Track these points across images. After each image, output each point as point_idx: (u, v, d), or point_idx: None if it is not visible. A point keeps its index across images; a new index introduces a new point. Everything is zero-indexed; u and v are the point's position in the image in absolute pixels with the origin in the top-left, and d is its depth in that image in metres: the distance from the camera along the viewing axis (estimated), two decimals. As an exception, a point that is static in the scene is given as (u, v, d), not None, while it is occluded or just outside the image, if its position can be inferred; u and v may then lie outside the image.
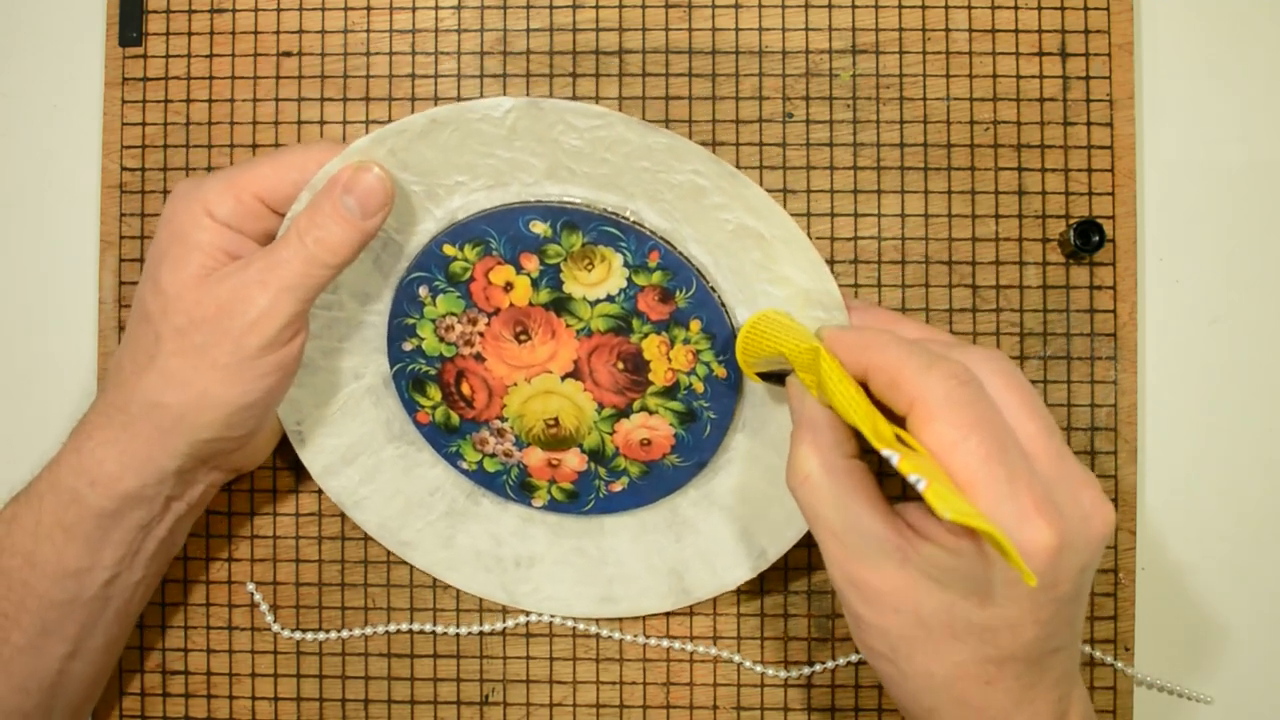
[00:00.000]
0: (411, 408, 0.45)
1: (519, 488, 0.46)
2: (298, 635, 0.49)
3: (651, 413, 0.44)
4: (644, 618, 0.48)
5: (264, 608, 0.49)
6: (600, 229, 0.41)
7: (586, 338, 0.43)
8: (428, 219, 0.42)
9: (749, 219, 0.39)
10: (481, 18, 0.49)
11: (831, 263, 0.48)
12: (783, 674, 0.48)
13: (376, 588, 0.49)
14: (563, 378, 0.44)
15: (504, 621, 0.48)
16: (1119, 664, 0.47)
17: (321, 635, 0.49)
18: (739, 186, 0.38)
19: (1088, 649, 0.47)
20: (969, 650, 0.33)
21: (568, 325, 0.43)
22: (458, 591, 0.48)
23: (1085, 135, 0.48)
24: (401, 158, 0.39)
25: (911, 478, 0.29)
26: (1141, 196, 0.48)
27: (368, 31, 0.49)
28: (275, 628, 0.49)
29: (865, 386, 0.35)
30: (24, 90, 0.50)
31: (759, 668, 0.48)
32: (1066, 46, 0.48)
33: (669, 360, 0.43)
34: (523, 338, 0.43)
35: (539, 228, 0.41)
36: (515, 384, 0.44)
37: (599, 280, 0.42)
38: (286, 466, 0.49)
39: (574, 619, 0.48)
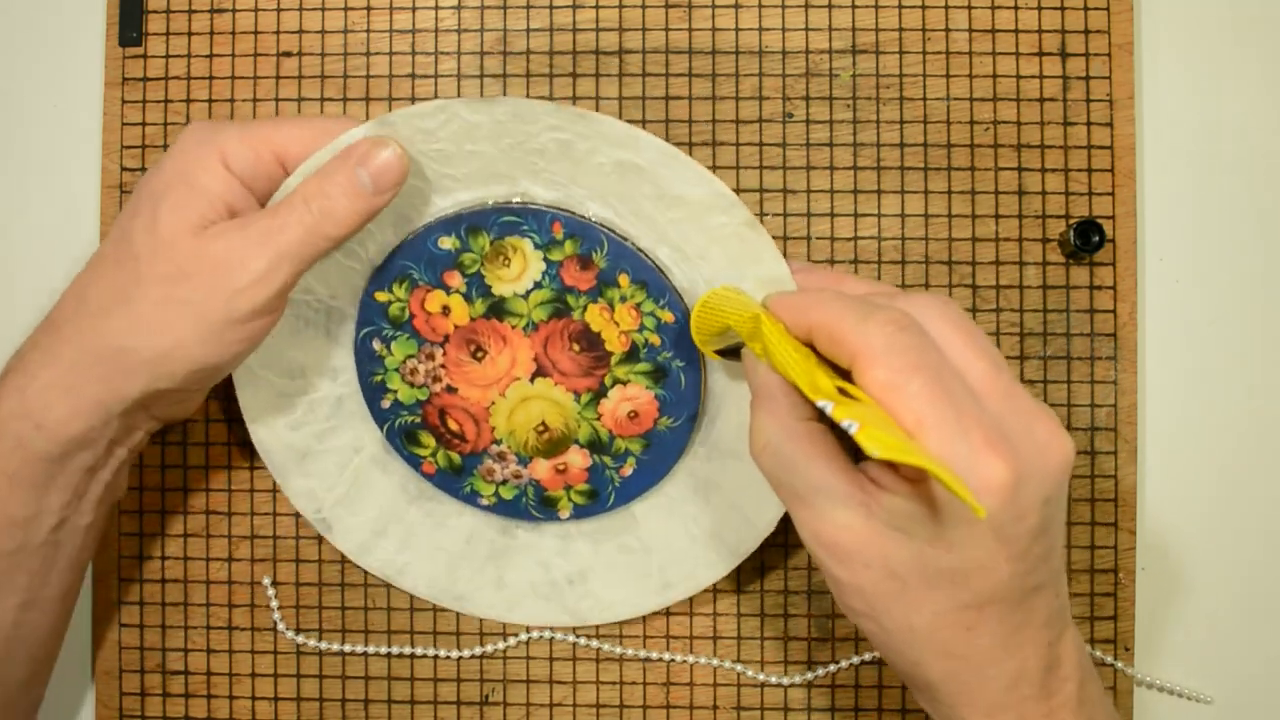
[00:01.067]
0: (415, 462, 0.46)
1: (540, 505, 0.46)
2: (300, 639, 0.49)
3: (625, 383, 0.44)
4: (644, 618, 0.48)
5: (274, 605, 0.49)
6: (499, 222, 0.42)
7: (534, 332, 0.43)
8: (353, 275, 0.43)
9: (620, 153, 0.39)
10: (481, 18, 0.49)
11: (831, 263, 0.48)
12: (785, 680, 0.48)
13: (377, 588, 0.49)
14: (531, 379, 0.44)
15: (504, 641, 0.48)
16: (1119, 664, 0.47)
17: (323, 645, 0.49)
18: (594, 125, 0.38)
19: (1087, 649, 0.47)
20: (945, 597, 0.33)
21: (513, 326, 0.43)
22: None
23: (1085, 135, 0.48)
24: None
25: (844, 423, 0.29)
26: (1141, 196, 0.48)
27: (368, 31, 0.49)
28: (281, 627, 0.49)
29: (813, 348, 0.35)
30: (24, 90, 0.50)
31: (760, 675, 0.48)
32: (1066, 46, 0.48)
33: (616, 325, 0.43)
34: (479, 354, 0.44)
35: (447, 243, 0.42)
36: (493, 402, 0.44)
37: (520, 271, 0.43)
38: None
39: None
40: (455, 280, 0.43)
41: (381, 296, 0.44)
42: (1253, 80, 0.49)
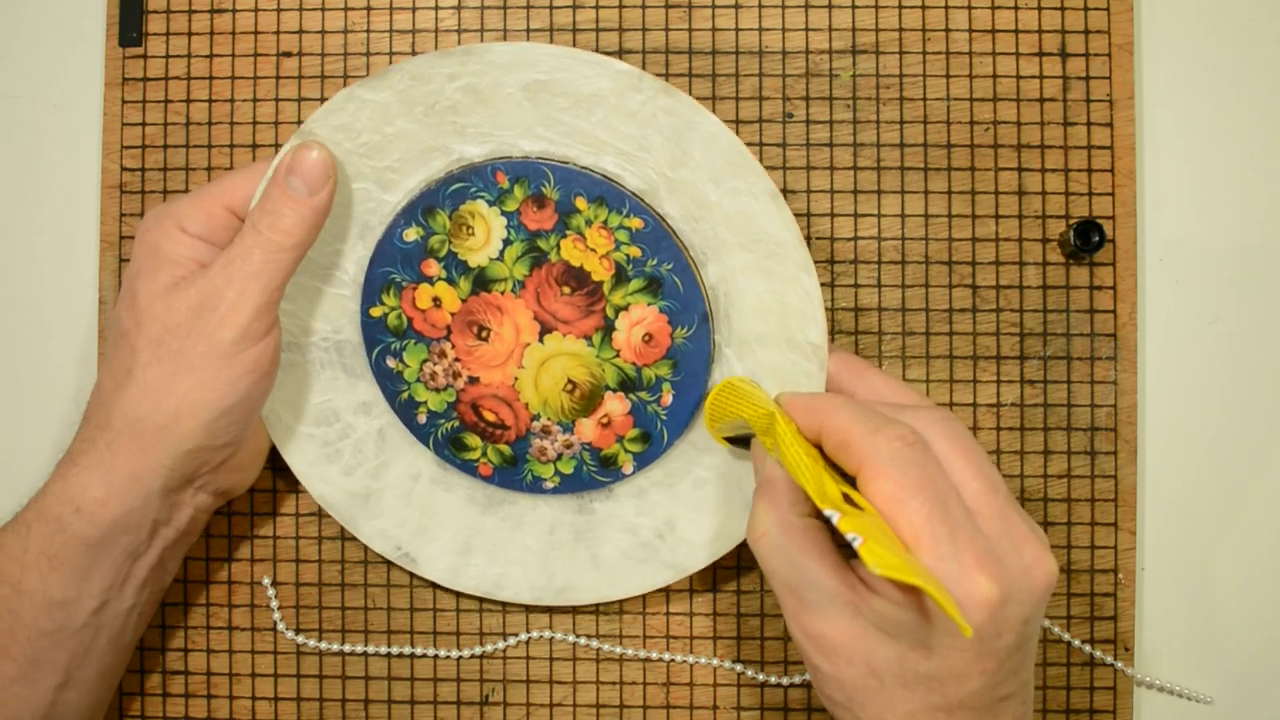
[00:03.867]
0: (470, 468, 0.46)
1: (602, 468, 0.45)
2: (300, 639, 0.49)
3: (626, 308, 0.43)
4: (645, 617, 0.48)
5: (274, 605, 0.49)
6: (448, 194, 0.42)
7: (523, 290, 0.43)
8: (345, 301, 0.44)
9: (520, 76, 0.40)
10: (481, 18, 0.49)
11: (831, 263, 0.48)
12: (785, 680, 0.48)
13: (377, 588, 0.49)
14: (540, 339, 0.44)
15: (504, 641, 0.48)
16: (1119, 664, 0.47)
17: (323, 645, 0.49)
18: (483, 56, 0.39)
19: (1088, 649, 0.47)
20: (919, 699, 0.35)
21: (502, 292, 0.43)
22: (458, 593, 0.48)
23: (1085, 135, 0.48)
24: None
25: (849, 535, 0.31)
26: (1141, 196, 0.48)
27: (368, 32, 0.49)
28: (281, 627, 0.49)
29: (822, 449, 0.37)
30: (24, 90, 0.50)
31: (760, 675, 0.48)
32: (1066, 46, 0.48)
33: (594, 251, 0.43)
34: (484, 334, 0.44)
35: (411, 234, 0.43)
36: (516, 378, 0.44)
37: (485, 234, 0.43)
38: (286, 466, 0.49)
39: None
40: (433, 268, 0.43)
41: (376, 311, 0.44)
42: (1253, 80, 0.49)
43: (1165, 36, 0.49)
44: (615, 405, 0.44)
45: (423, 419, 0.45)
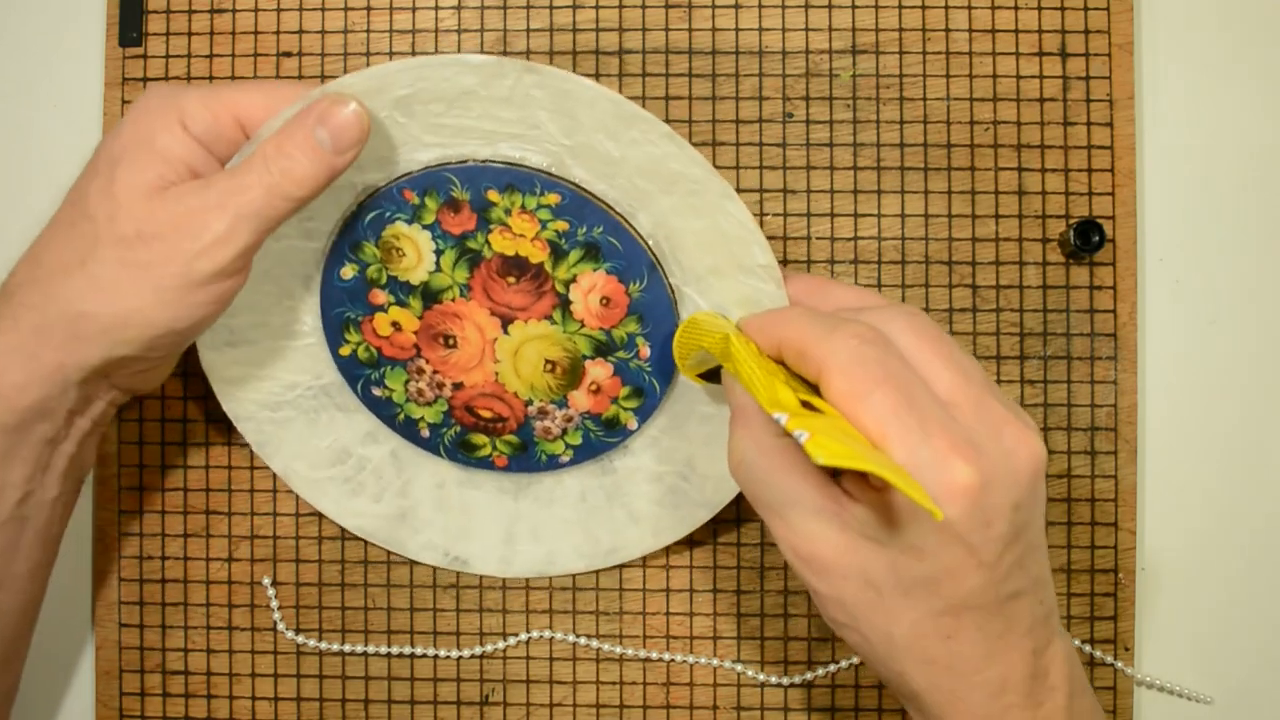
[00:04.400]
0: (487, 464, 0.46)
1: (608, 431, 0.45)
2: (300, 639, 0.49)
3: (574, 280, 0.43)
4: (645, 617, 0.48)
5: (274, 605, 0.49)
6: (365, 224, 0.43)
7: (471, 292, 0.44)
8: (316, 348, 0.45)
9: (379, 101, 0.39)
10: (481, 18, 0.49)
11: (831, 263, 0.48)
12: (785, 680, 0.48)
13: (377, 588, 0.49)
14: (505, 330, 0.44)
15: (504, 641, 0.48)
16: (1119, 664, 0.47)
17: (323, 645, 0.49)
18: (338, 89, 0.38)
19: (1088, 649, 0.47)
20: (921, 605, 0.33)
21: (452, 300, 0.44)
22: (458, 592, 0.48)
23: (1085, 135, 0.48)
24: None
25: (795, 433, 0.29)
26: (1141, 196, 0.48)
27: (368, 32, 0.49)
28: (281, 627, 0.49)
29: (785, 365, 0.35)
30: (24, 90, 0.50)
31: (760, 675, 0.48)
32: (1066, 46, 0.48)
33: (522, 236, 0.43)
34: (451, 341, 0.44)
35: (348, 271, 0.44)
36: (497, 373, 0.45)
37: (416, 251, 0.43)
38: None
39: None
40: (380, 297, 0.44)
41: (345, 350, 0.45)
42: (1253, 80, 0.49)
43: (1165, 36, 0.49)
44: (599, 371, 0.44)
45: (426, 433, 0.46)
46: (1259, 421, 0.48)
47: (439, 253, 0.43)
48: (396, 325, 0.44)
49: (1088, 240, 0.46)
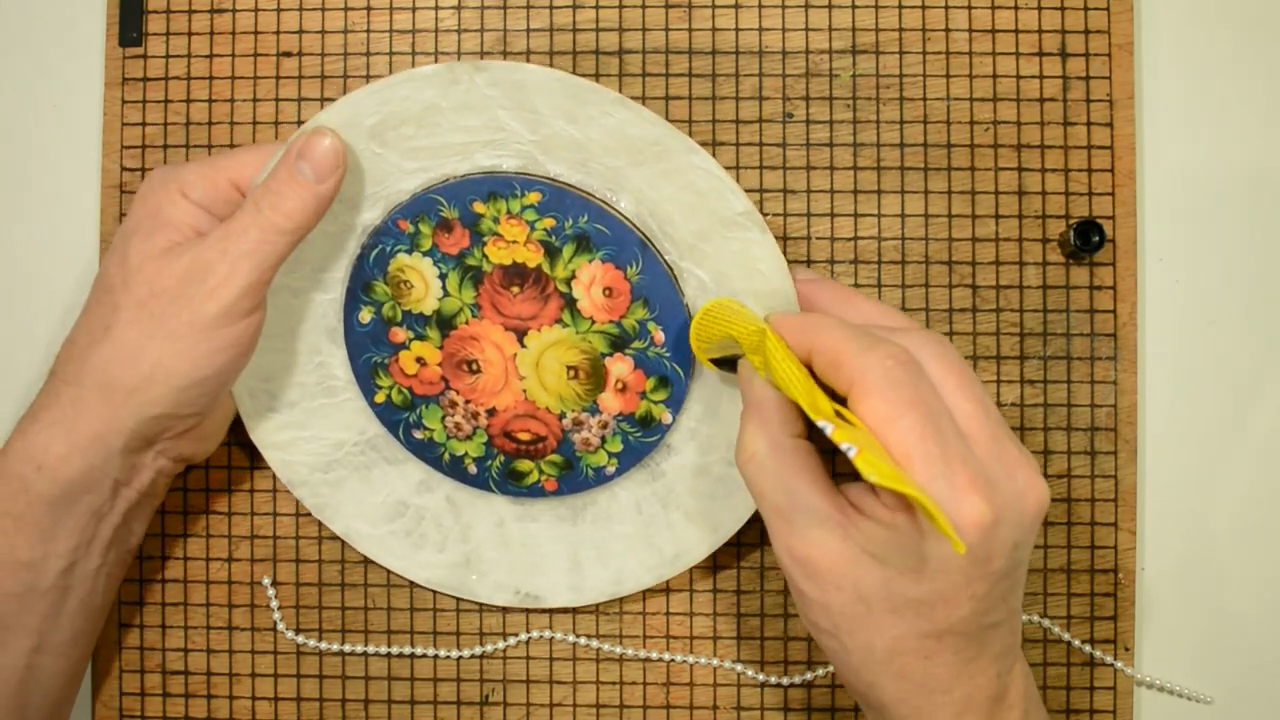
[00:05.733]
0: (538, 492, 0.46)
1: (645, 430, 0.45)
2: (300, 639, 0.49)
3: (574, 276, 0.43)
4: (645, 617, 0.48)
5: (274, 605, 0.49)
6: (369, 262, 0.44)
7: (480, 310, 0.44)
8: (351, 405, 0.46)
9: (354, 133, 0.41)
10: (481, 18, 0.49)
11: (832, 263, 0.48)
12: (785, 680, 0.48)
13: (377, 588, 0.49)
14: (522, 344, 0.44)
15: (504, 641, 0.48)
16: (1119, 664, 0.47)
17: (323, 645, 0.49)
18: (315, 123, 0.40)
19: (1088, 649, 0.47)
20: (907, 625, 0.34)
21: (466, 322, 0.44)
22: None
23: (1085, 135, 0.48)
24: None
25: (843, 446, 0.30)
26: (1141, 196, 0.48)
27: (368, 32, 0.49)
28: (281, 627, 0.49)
29: (811, 369, 0.36)
30: (24, 90, 0.50)
31: (760, 675, 0.48)
32: (1066, 46, 0.48)
33: (515, 242, 0.43)
34: (474, 366, 0.45)
35: (366, 315, 0.44)
36: (524, 390, 0.45)
37: (423, 280, 0.44)
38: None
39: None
40: (400, 334, 0.45)
41: (379, 398, 0.46)
42: (1252, 80, 0.49)
43: (1165, 36, 0.49)
44: (620, 367, 0.44)
45: (473, 469, 0.46)
46: (1259, 421, 0.48)
47: (443, 276, 0.44)
48: (421, 361, 0.45)
49: (1088, 240, 0.46)
